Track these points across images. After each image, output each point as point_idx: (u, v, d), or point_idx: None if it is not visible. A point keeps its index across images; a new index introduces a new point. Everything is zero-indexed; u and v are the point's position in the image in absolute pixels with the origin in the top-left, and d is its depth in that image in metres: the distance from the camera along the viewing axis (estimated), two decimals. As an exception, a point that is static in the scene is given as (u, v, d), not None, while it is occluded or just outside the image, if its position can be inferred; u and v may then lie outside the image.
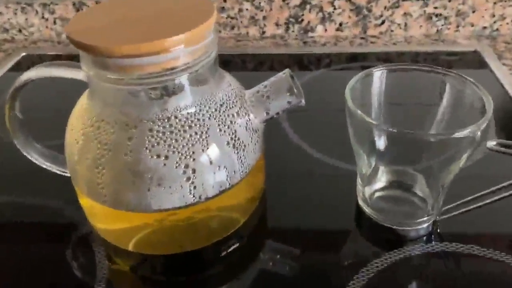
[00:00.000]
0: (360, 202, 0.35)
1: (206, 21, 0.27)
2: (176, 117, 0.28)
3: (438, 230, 0.33)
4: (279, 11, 0.61)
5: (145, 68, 0.26)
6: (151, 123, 0.28)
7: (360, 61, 0.57)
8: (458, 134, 0.27)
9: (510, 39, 0.60)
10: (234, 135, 0.30)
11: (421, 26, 0.61)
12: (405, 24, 0.61)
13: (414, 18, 0.60)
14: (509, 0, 0.58)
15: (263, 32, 0.63)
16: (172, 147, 0.28)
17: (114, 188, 0.28)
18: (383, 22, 0.61)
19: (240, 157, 0.30)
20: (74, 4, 0.63)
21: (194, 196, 0.28)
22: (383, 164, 0.33)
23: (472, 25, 0.61)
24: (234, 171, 0.30)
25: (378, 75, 0.33)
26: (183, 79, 0.28)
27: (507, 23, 0.60)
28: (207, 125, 0.29)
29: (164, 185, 0.28)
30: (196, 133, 0.28)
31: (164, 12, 0.29)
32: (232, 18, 0.62)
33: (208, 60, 0.29)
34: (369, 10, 0.60)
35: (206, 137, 0.28)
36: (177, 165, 0.28)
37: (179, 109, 0.28)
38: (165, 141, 0.28)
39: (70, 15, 0.64)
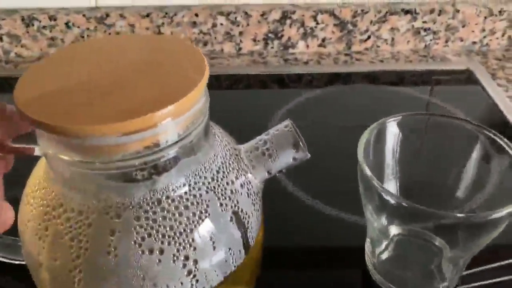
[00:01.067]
0: (369, 267, 0.30)
1: (198, 82, 0.22)
2: (168, 198, 0.23)
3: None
4: (256, 26, 0.56)
5: (129, 147, 0.21)
6: (138, 209, 0.22)
7: (345, 81, 0.53)
8: (495, 215, 0.23)
9: (501, 55, 0.57)
10: (237, 207, 0.25)
11: (408, 41, 0.57)
12: (392, 39, 0.57)
13: (401, 33, 0.56)
14: (500, 14, 0.55)
15: (240, 49, 0.58)
16: (167, 237, 0.22)
17: None
18: (368, 38, 0.57)
19: (245, 231, 0.25)
20: (23, 19, 0.56)
21: None
22: (398, 227, 0.29)
23: (462, 40, 0.57)
24: (240, 250, 0.25)
25: (393, 125, 0.29)
26: (174, 153, 0.22)
27: (497, 38, 0.57)
28: (205, 202, 0.23)
29: (160, 285, 0.22)
30: (194, 214, 0.23)
31: (142, 68, 0.23)
32: (204, 33, 0.56)
33: (201, 126, 0.23)
34: (354, 25, 0.56)
35: (205, 217, 0.23)
36: (174, 258, 0.22)
37: (170, 187, 0.23)
38: (157, 231, 0.22)
39: (19, 32, 0.56)
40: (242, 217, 0.25)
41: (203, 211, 0.23)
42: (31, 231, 0.24)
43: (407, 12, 0.55)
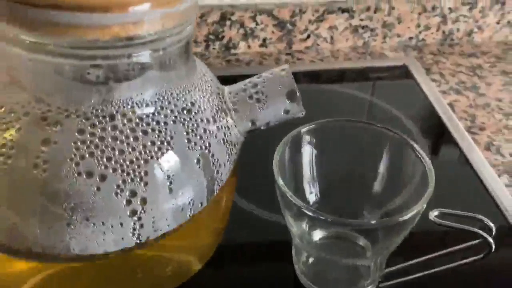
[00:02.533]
0: (297, 271, 0.31)
1: None
2: (124, 116, 0.19)
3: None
4: (196, 28, 0.56)
5: (88, 31, 0.17)
6: (84, 120, 0.18)
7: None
8: (402, 218, 0.24)
9: (437, 49, 0.59)
10: (207, 150, 0.21)
11: (347, 39, 0.58)
12: (331, 38, 0.58)
13: (340, 31, 0.57)
14: (433, 10, 0.57)
15: (181, 51, 0.58)
16: (113, 162, 0.18)
17: (12, 217, 0.18)
18: (308, 37, 0.57)
19: (212, 181, 0.21)
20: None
21: (138, 239, 0.19)
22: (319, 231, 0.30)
23: (399, 36, 0.59)
24: (201, 203, 0.21)
25: (307, 134, 0.29)
26: (143, 57, 0.18)
27: (432, 33, 0.59)
28: (170, 133, 0.20)
29: (94, 220, 0.18)
30: (153, 143, 0.19)
31: None
32: (145, 37, 0.56)
33: (181, 37, 0.20)
34: (293, 25, 0.56)
35: (167, 150, 0.19)
36: (118, 190, 0.18)
37: (130, 103, 0.19)
38: (102, 152, 0.18)
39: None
40: (211, 163, 0.21)
41: (165, 143, 0.19)
42: None
43: (344, 10, 0.56)
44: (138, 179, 0.19)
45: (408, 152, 0.28)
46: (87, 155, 0.18)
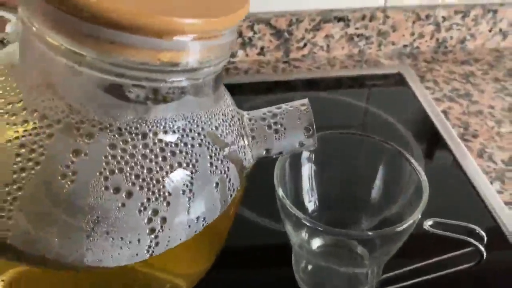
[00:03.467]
0: (297, 279, 0.32)
1: (238, 9, 0.19)
2: (155, 135, 0.19)
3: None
4: (196, 37, 0.57)
5: (141, 53, 0.17)
6: (117, 135, 0.18)
7: (285, 88, 0.55)
8: (398, 228, 0.25)
9: (430, 57, 0.60)
10: (225, 174, 0.21)
11: (343, 47, 0.59)
12: (328, 46, 0.59)
13: (336, 39, 0.59)
14: (427, 19, 0.58)
15: (181, 60, 0.59)
16: (140, 180, 0.19)
17: (30, 222, 0.18)
18: (305, 45, 0.59)
19: (224, 206, 0.22)
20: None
21: (151, 256, 0.20)
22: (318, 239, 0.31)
23: (393, 44, 0.60)
24: (210, 222, 0.21)
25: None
26: (184, 83, 0.19)
27: (426, 41, 0.60)
28: (195, 155, 0.20)
29: (114, 235, 0.19)
30: (179, 165, 0.19)
31: None
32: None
33: (218, 68, 0.21)
34: (290, 34, 0.58)
35: (191, 173, 0.20)
36: (141, 208, 0.19)
37: (163, 123, 0.19)
38: (132, 169, 0.18)
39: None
40: (227, 188, 0.22)
41: (191, 165, 0.20)
42: None
43: (340, 19, 0.57)
44: (162, 199, 0.19)
45: (404, 163, 0.29)
46: (116, 171, 0.18)
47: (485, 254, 0.27)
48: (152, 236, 0.19)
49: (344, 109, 0.52)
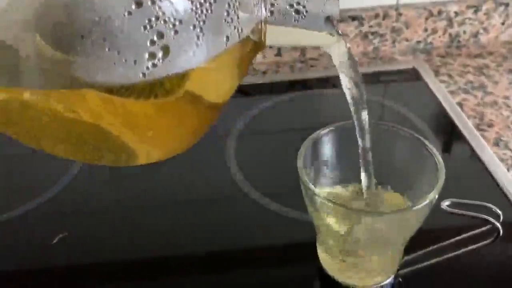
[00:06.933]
0: (321, 259, 0.34)
1: None
2: None
3: (401, 281, 0.33)
4: (215, 41, 0.59)
5: None
6: None
7: (302, 87, 0.57)
8: (416, 207, 0.27)
9: (444, 52, 0.61)
10: (237, 29, 0.21)
11: (358, 45, 0.61)
12: (343, 45, 0.61)
13: (351, 38, 0.60)
14: (439, 15, 0.59)
15: (201, 63, 0.61)
16: None
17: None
18: (321, 44, 0.60)
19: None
20: None
21: (144, 76, 0.18)
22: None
23: (407, 40, 0.61)
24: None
25: (327, 137, 0.32)
26: None
27: (439, 36, 0.61)
28: None
29: (110, 45, 0.17)
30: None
31: None
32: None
33: None
34: (306, 34, 0.59)
35: (206, 11, 0.19)
36: (147, 25, 0.18)
37: None
38: None
39: None
40: (237, 37, 0.20)
41: (208, 3, 0.19)
42: None
43: (354, 18, 0.59)
44: (171, 25, 0.18)
45: (421, 148, 0.31)
46: None
47: (501, 231, 0.28)
48: (150, 63, 0.18)
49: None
